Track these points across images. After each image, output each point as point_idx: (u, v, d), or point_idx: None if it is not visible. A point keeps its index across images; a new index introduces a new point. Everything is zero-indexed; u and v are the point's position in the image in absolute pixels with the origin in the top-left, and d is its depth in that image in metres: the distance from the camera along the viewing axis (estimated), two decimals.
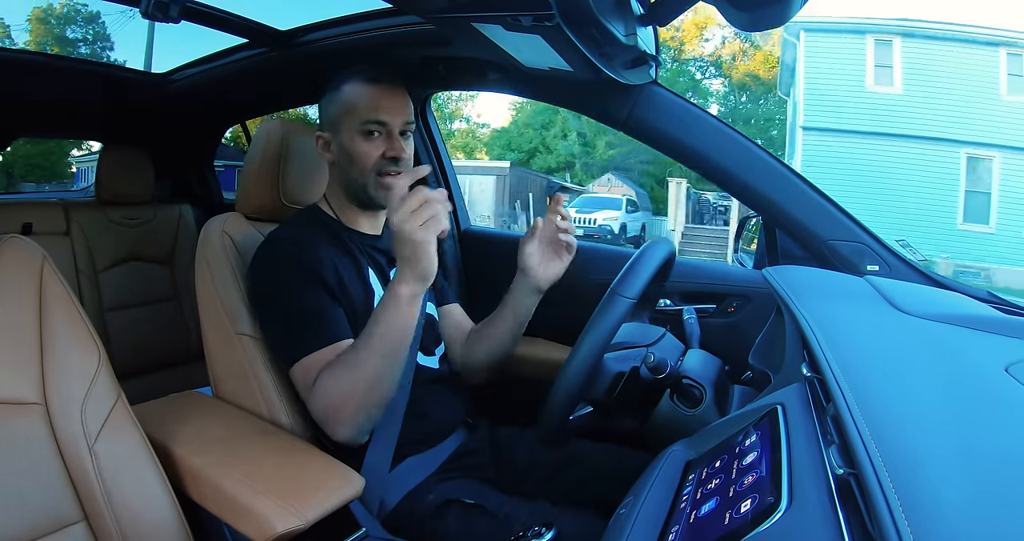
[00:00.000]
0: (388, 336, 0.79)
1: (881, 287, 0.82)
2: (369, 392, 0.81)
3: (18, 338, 0.68)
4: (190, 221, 2.10)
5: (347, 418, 0.82)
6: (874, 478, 0.35)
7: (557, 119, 20.53)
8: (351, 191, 0.98)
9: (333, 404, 0.82)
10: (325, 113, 0.97)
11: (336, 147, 0.96)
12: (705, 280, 1.28)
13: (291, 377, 0.88)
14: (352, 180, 0.96)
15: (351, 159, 0.94)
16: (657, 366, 0.83)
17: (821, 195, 1.07)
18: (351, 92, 0.94)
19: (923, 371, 0.54)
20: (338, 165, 0.97)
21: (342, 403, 0.81)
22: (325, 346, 0.85)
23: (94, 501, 0.68)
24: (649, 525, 0.51)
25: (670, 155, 1.13)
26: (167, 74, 1.79)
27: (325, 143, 0.97)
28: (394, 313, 0.79)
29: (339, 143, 0.95)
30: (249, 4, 1.46)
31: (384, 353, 0.80)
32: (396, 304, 0.79)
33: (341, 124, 0.94)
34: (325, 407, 0.83)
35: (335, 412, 0.82)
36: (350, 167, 0.95)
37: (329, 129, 0.96)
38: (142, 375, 1.89)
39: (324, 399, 0.83)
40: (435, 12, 0.89)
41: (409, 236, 0.76)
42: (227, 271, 0.97)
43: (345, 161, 0.95)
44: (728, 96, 22.15)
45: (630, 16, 0.80)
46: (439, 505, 0.89)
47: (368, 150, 0.93)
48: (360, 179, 0.95)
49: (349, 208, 1.01)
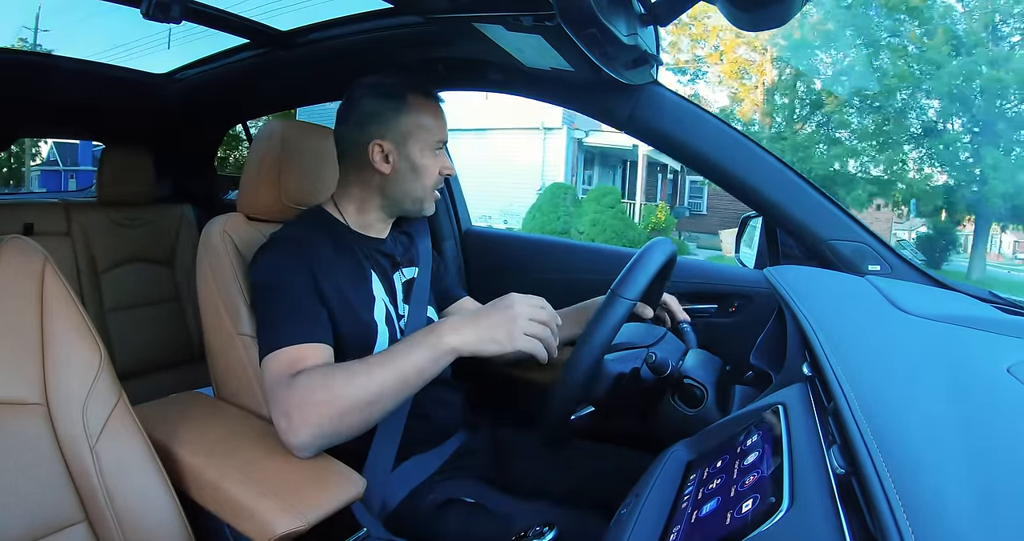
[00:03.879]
0: (407, 373, 0.76)
1: (882, 287, 0.82)
2: (347, 414, 0.75)
3: (19, 338, 0.68)
4: (191, 221, 2.11)
5: (310, 422, 0.75)
6: (875, 478, 0.35)
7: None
8: (400, 201, 0.98)
9: (306, 403, 0.75)
10: (388, 123, 0.94)
11: (400, 159, 0.94)
12: (706, 280, 1.28)
13: (262, 368, 0.82)
14: (410, 192, 0.97)
15: (418, 173, 0.95)
16: (658, 366, 0.84)
17: (822, 195, 1.07)
18: (424, 108, 0.95)
19: (924, 371, 0.54)
20: (395, 176, 0.95)
21: (316, 406, 0.75)
22: (302, 343, 0.81)
23: (95, 501, 0.68)
24: (651, 525, 0.51)
25: (671, 155, 1.13)
26: (169, 74, 1.79)
27: (383, 153, 0.94)
28: (427, 357, 0.76)
29: (406, 156, 0.94)
30: (249, 4, 1.47)
31: (392, 385, 0.76)
32: (437, 350, 0.76)
33: (413, 138, 0.94)
34: (295, 402, 0.75)
35: (301, 411, 0.75)
36: (413, 180, 0.96)
37: (393, 140, 0.94)
38: (143, 376, 1.89)
39: (299, 394, 0.75)
40: (436, 12, 0.89)
41: (515, 317, 0.76)
42: (228, 272, 0.97)
43: (409, 174, 0.95)
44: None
45: (631, 16, 0.80)
46: (440, 505, 0.89)
47: (435, 167, 0.96)
48: (420, 192, 0.97)
49: (373, 214, 1.00)
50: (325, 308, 0.87)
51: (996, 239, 14.11)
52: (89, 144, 19.20)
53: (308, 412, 0.75)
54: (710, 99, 14.27)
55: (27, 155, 16.76)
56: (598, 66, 0.90)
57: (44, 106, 1.80)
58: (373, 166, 0.94)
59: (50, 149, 19.36)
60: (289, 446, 0.77)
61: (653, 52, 0.91)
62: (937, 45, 10.40)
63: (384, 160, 0.94)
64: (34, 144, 17.71)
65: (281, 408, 0.76)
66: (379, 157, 0.94)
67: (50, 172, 19.17)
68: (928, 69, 10.66)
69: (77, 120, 2.01)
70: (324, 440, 0.76)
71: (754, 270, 1.27)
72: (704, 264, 1.32)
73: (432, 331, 0.78)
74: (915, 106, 11.29)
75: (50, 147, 19.25)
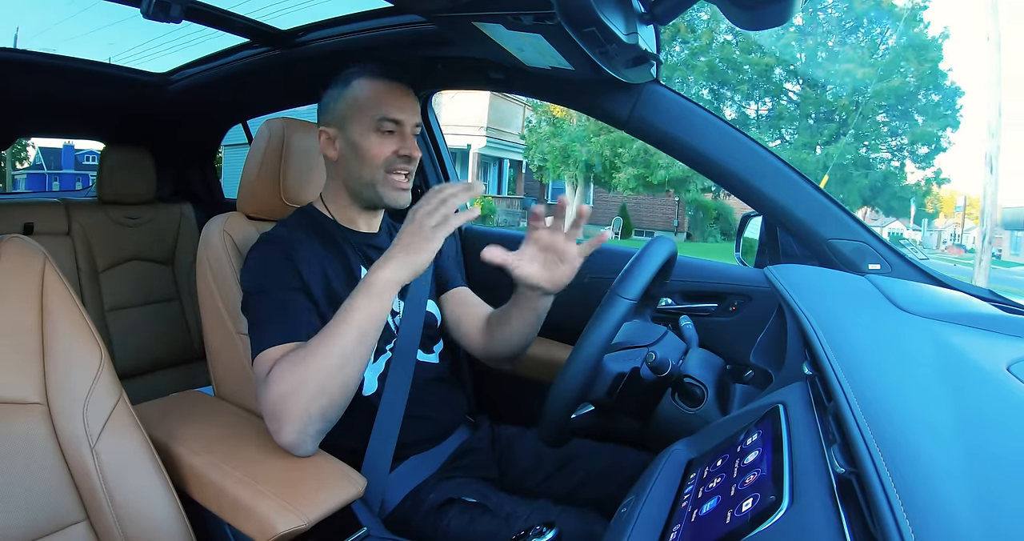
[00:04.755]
0: (359, 323, 0.76)
1: (883, 286, 0.82)
2: (325, 384, 0.74)
3: (20, 338, 0.68)
4: (191, 221, 2.11)
5: (295, 413, 0.74)
6: (875, 477, 0.35)
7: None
8: (355, 189, 0.96)
9: (284, 394, 0.74)
10: (331, 108, 0.95)
11: (343, 143, 0.94)
12: (706, 279, 1.28)
13: (253, 372, 0.81)
14: (358, 177, 0.94)
15: (361, 156, 0.93)
16: (658, 365, 0.83)
17: (822, 194, 1.07)
18: (364, 88, 0.93)
19: (925, 370, 0.54)
20: (343, 162, 0.95)
21: (293, 393, 0.74)
22: (288, 342, 0.80)
23: (96, 501, 0.68)
24: (651, 524, 0.51)
25: (672, 154, 1.12)
26: (168, 74, 1.79)
27: (329, 139, 0.95)
28: (368, 300, 0.76)
29: (347, 139, 0.93)
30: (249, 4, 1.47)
31: (352, 341, 0.75)
32: (374, 290, 0.77)
33: (351, 120, 0.93)
34: (276, 398, 0.75)
35: (283, 404, 0.74)
36: (359, 164, 0.93)
37: (335, 124, 0.94)
38: (144, 375, 1.90)
39: (276, 388, 0.75)
40: (436, 11, 0.89)
41: (418, 225, 0.76)
42: (228, 271, 0.97)
43: (353, 158, 0.93)
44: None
45: (631, 15, 0.80)
46: (440, 504, 0.89)
47: (380, 147, 0.92)
48: (368, 176, 0.94)
49: (349, 208, 0.99)
50: (313, 305, 0.87)
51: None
52: (71, 148, 19.79)
53: (287, 405, 0.75)
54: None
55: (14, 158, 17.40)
56: (598, 65, 0.89)
57: (44, 106, 1.80)
58: (326, 155, 0.96)
59: (36, 153, 20.40)
60: (283, 446, 0.77)
61: (653, 51, 0.91)
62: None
63: (330, 146, 0.95)
64: (22, 149, 18.32)
65: (267, 410, 0.77)
66: (327, 143, 0.95)
67: (35, 175, 20.26)
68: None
69: (77, 120, 2.01)
70: (313, 427, 0.76)
71: (754, 269, 1.27)
72: (704, 263, 1.32)
73: (368, 278, 0.78)
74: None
75: (36, 151, 20.21)
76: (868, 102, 13.92)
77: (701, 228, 17.20)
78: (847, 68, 13.91)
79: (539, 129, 15.05)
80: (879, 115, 14.61)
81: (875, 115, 14.50)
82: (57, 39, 14.19)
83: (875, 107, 14.19)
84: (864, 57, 14.17)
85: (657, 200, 18.07)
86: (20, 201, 1.90)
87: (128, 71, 1.73)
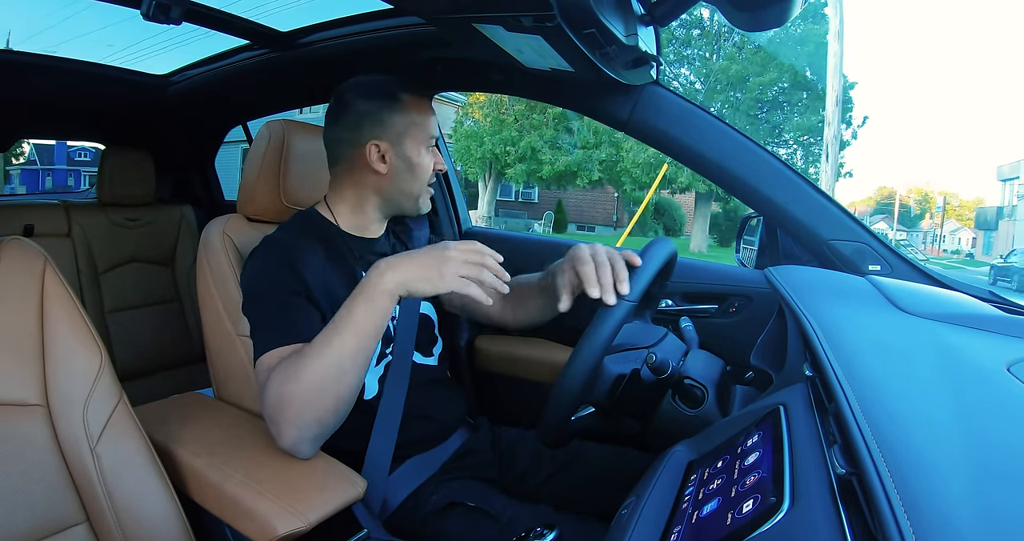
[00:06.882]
0: (360, 325, 0.74)
1: (883, 287, 0.82)
2: (325, 388, 0.73)
3: (20, 340, 0.68)
4: (192, 222, 2.11)
5: (293, 416, 0.73)
6: (876, 478, 0.35)
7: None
8: (396, 201, 0.98)
9: (281, 400, 0.73)
10: (386, 122, 0.93)
11: (396, 158, 0.94)
12: (707, 280, 1.28)
13: (255, 376, 0.81)
14: (407, 191, 0.97)
15: (414, 171, 0.95)
16: (659, 367, 0.83)
17: (822, 195, 1.07)
18: (417, 106, 0.95)
19: (925, 371, 0.54)
20: (391, 175, 0.95)
21: (290, 400, 0.73)
22: (289, 344, 0.79)
23: (96, 502, 0.68)
24: (651, 526, 0.51)
25: (672, 155, 1.13)
26: (168, 75, 1.79)
27: (380, 152, 0.94)
28: (371, 306, 0.74)
29: (402, 154, 0.94)
30: (250, 5, 1.47)
31: (352, 344, 0.74)
32: (376, 294, 0.74)
33: (407, 135, 0.94)
34: (274, 403, 0.74)
35: (283, 406, 0.74)
36: (411, 178, 0.96)
37: (387, 139, 0.93)
38: (144, 377, 1.90)
39: (274, 394, 0.74)
40: (436, 13, 0.89)
41: (445, 259, 0.75)
42: (228, 273, 0.97)
43: (406, 172, 0.95)
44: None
45: (631, 16, 0.80)
46: (441, 507, 0.89)
47: (429, 164, 0.97)
48: (417, 190, 0.97)
49: (366, 215, 0.99)
50: (316, 309, 0.86)
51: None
52: (64, 145, 19.92)
53: (285, 411, 0.74)
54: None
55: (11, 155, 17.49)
56: (598, 66, 0.90)
57: (44, 107, 1.80)
58: (370, 167, 0.94)
59: (31, 149, 20.51)
60: (283, 449, 0.77)
61: (653, 52, 0.91)
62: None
63: (381, 160, 0.94)
64: (18, 145, 18.44)
65: (267, 414, 0.76)
66: (376, 157, 0.94)
67: (29, 170, 20.57)
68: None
69: (77, 121, 2.02)
70: (311, 432, 0.76)
71: (754, 270, 1.27)
72: (704, 264, 1.32)
73: (367, 279, 0.76)
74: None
75: (30, 147, 20.33)
76: (745, 98, 13.98)
77: (640, 223, 17.21)
78: (723, 66, 14.07)
79: (460, 129, 15.61)
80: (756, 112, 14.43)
81: (753, 111, 14.35)
82: (57, 40, 14.21)
83: (751, 101, 14.07)
84: (735, 54, 14.32)
85: (598, 195, 18.68)
86: (20, 202, 1.91)
87: (128, 73, 1.74)
